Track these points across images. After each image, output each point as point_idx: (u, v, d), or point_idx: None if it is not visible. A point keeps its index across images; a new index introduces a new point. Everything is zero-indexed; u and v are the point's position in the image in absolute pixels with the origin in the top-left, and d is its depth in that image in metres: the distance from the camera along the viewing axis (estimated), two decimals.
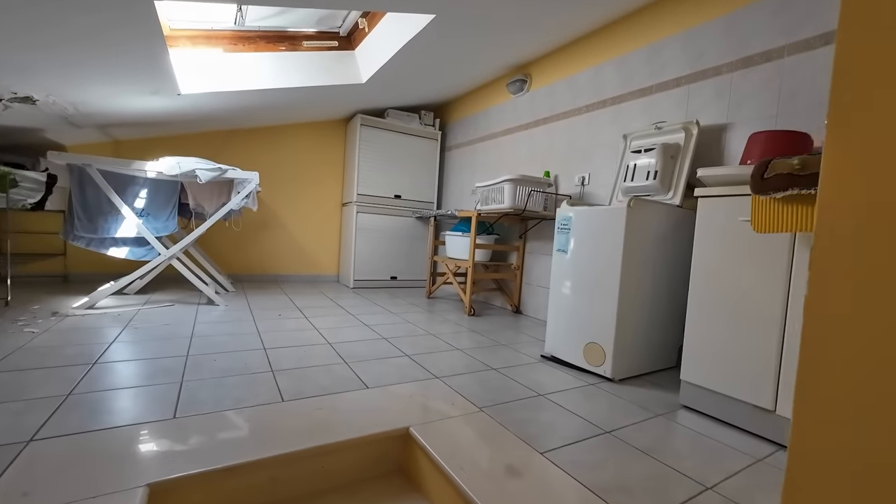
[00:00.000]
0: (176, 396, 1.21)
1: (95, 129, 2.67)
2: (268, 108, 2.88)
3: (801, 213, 1.02)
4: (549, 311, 1.87)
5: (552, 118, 2.73)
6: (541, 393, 1.44)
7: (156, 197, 2.46)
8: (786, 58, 1.61)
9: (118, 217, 2.33)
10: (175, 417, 1.09)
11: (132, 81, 1.96)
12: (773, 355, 1.18)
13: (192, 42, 2.15)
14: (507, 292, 3.04)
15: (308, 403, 1.22)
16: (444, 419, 1.18)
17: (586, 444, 1.11)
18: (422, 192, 3.87)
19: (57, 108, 2.11)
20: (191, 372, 1.41)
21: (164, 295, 2.72)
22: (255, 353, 1.66)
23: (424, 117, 3.83)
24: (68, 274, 2.99)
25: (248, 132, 3.47)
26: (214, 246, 3.41)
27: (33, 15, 1.30)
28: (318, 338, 1.95)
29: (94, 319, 2.02)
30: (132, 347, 1.64)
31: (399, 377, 1.49)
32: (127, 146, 3.09)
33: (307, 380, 1.40)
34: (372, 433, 1.08)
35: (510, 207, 2.41)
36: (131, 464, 0.87)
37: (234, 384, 1.33)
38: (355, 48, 2.65)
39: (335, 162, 3.91)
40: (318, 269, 3.91)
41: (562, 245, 1.83)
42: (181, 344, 1.72)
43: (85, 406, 1.12)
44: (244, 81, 2.36)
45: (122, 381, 1.30)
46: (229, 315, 2.30)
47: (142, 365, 1.46)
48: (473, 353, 1.87)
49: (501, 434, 1.13)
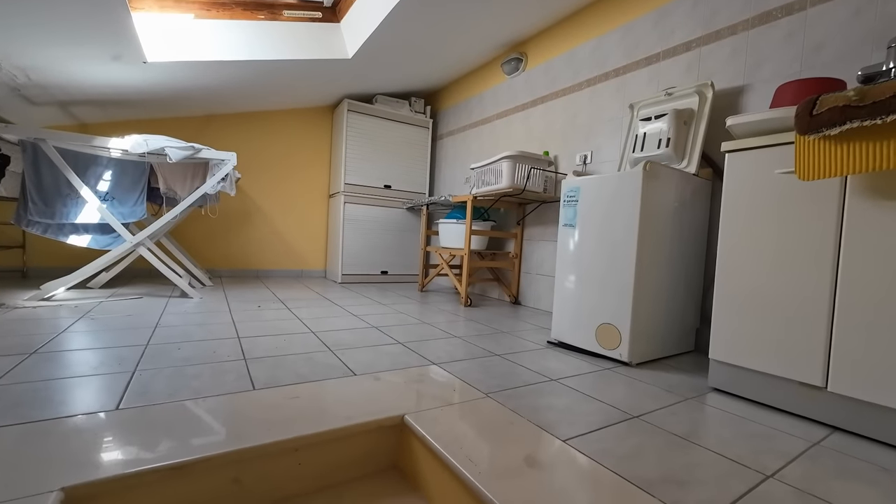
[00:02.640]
0: (124, 386, 1.01)
1: (56, 108, 2.45)
2: (246, 85, 2.68)
3: (863, 151, 0.87)
4: (556, 294, 1.71)
5: (550, 96, 2.58)
6: (553, 378, 1.27)
7: (122, 179, 2.24)
8: (808, 9, 1.48)
9: (78, 200, 2.11)
10: (117, 409, 0.89)
11: (89, 42, 1.75)
12: (823, 325, 1.02)
13: (160, 5, 1.96)
14: (505, 282, 2.87)
15: (283, 391, 1.03)
16: (446, 405, 1.00)
17: (615, 429, 0.93)
18: (413, 182, 3.70)
19: (4, 76, 1.89)
20: (147, 361, 1.21)
21: (134, 289, 2.50)
22: (227, 342, 1.46)
23: (415, 104, 3.67)
24: (27, 268, 2.74)
25: (228, 118, 3.27)
26: (190, 238, 3.19)
27: None
28: (301, 327, 1.75)
29: (47, 311, 1.80)
30: (84, 337, 1.43)
31: (391, 364, 1.31)
32: (94, 129, 2.86)
33: (284, 368, 1.21)
34: (359, 422, 0.90)
35: (509, 186, 2.25)
36: (45, 465, 0.67)
37: (198, 373, 1.13)
38: (340, 20, 2.48)
39: (322, 151, 3.72)
40: (304, 264, 3.70)
41: (569, 219, 1.67)
42: (142, 334, 1.51)
43: (10, 398, 0.91)
44: (219, 51, 2.16)
45: (61, 371, 1.09)
46: (203, 307, 2.09)
47: (91, 354, 1.25)
48: (473, 340, 1.69)
49: (514, 421, 0.95)
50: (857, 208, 0.97)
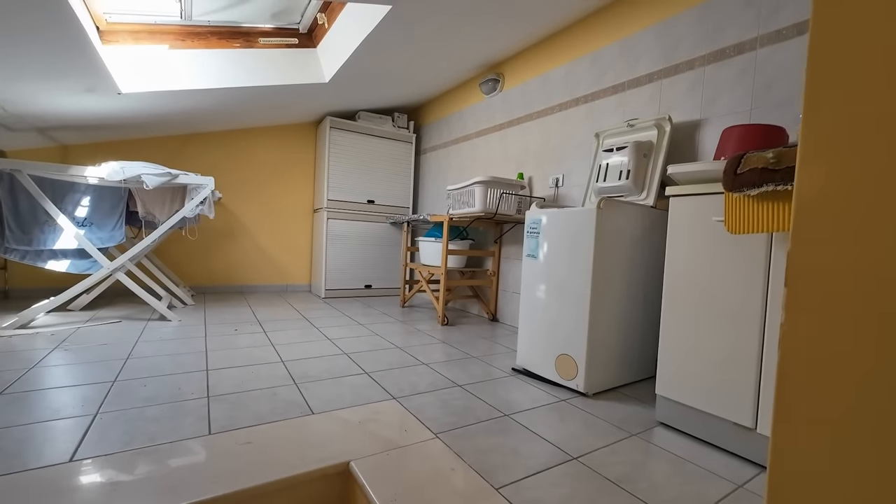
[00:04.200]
0: (83, 433, 1.05)
1: (35, 133, 2.47)
2: (225, 109, 2.72)
3: (778, 211, 0.92)
4: (521, 321, 1.76)
5: (525, 118, 2.63)
6: (506, 413, 1.32)
7: (100, 205, 2.27)
8: (758, 49, 1.53)
9: (56, 227, 2.14)
10: (71, 461, 0.93)
11: (61, 77, 1.78)
12: (752, 368, 1.07)
13: (134, 38, 1.99)
14: (484, 299, 2.92)
15: (237, 436, 1.07)
16: (392, 450, 1.04)
17: (550, 474, 0.98)
18: (396, 196, 3.73)
19: None
20: (111, 402, 1.25)
21: (114, 311, 2.53)
22: (195, 375, 1.50)
23: (398, 119, 3.70)
24: (8, 289, 2.76)
25: (209, 136, 3.30)
26: (173, 256, 3.22)
27: None
28: (273, 355, 1.79)
29: (23, 340, 1.83)
30: (54, 373, 1.46)
31: (352, 399, 1.35)
32: (76, 151, 2.89)
33: (244, 407, 1.25)
34: (305, 471, 0.94)
35: (481, 211, 2.29)
36: None
37: (158, 415, 1.17)
38: (317, 45, 2.52)
39: (305, 167, 3.75)
40: (289, 279, 3.74)
41: (532, 250, 1.72)
42: (112, 368, 1.54)
43: None
44: (195, 80, 2.20)
45: (23, 417, 1.13)
46: (179, 332, 2.12)
47: (57, 394, 1.28)
48: (440, 367, 1.74)
49: (456, 467, 0.99)
50: (781, 261, 1.01)
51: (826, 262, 0.28)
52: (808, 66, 0.29)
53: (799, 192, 0.29)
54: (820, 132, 0.28)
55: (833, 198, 0.27)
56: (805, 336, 0.30)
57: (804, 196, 0.29)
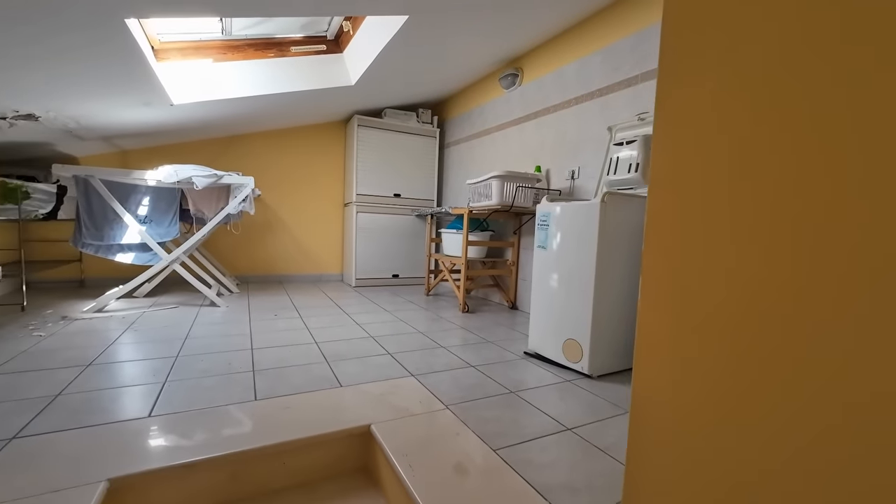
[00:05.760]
0: (156, 396, 1.28)
1: (101, 141, 2.80)
2: (262, 114, 2.95)
3: None
4: (532, 308, 1.87)
5: (543, 112, 2.69)
6: (513, 390, 1.45)
7: (157, 204, 2.57)
8: None
9: (122, 224, 2.45)
10: (150, 416, 1.15)
11: (122, 95, 2.05)
12: None
13: (182, 54, 2.22)
14: (504, 288, 3.03)
15: (277, 402, 1.27)
16: (407, 417, 1.21)
17: (544, 440, 1.11)
18: (421, 189, 3.89)
19: (59, 123, 2.23)
20: (176, 372, 1.48)
21: (172, 297, 2.84)
22: (242, 353, 1.73)
23: (422, 115, 3.84)
24: (84, 279, 3.16)
25: (248, 137, 3.57)
26: (220, 249, 3.53)
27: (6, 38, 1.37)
28: (307, 337, 2.00)
29: (101, 322, 2.14)
30: (128, 349, 1.73)
31: (375, 375, 1.52)
32: (133, 155, 3.23)
33: (283, 379, 1.45)
34: (333, 431, 1.12)
35: (498, 204, 2.40)
36: (97, 460, 0.93)
37: (213, 384, 1.39)
38: (343, 51, 2.68)
39: (335, 163, 3.97)
40: (322, 269, 4.00)
41: (542, 241, 1.82)
42: (174, 345, 1.80)
43: (70, 406, 1.19)
44: (235, 89, 2.42)
45: (109, 382, 1.38)
46: (227, 316, 2.38)
47: (132, 366, 1.54)
48: (457, 350, 1.89)
49: (460, 432, 1.14)
50: None
51: (667, 262, 0.39)
52: (655, 120, 0.40)
53: (649, 211, 0.40)
54: (660, 169, 0.39)
55: (668, 215, 0.38)
56: (652, 306, 0.42)
57: (651, 214, 0.40)
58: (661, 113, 0.40)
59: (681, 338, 0.40)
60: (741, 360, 0.36)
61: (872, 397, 0.28)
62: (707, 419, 0.39)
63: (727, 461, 0.38)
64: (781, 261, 0.33)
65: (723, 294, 0.37)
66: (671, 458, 0.42)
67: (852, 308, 0.30)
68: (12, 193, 2.24)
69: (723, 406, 0.38)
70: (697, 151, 0.37)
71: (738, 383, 0.37)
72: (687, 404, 0.41)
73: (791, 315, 0.33)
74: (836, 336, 0.31)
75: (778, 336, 0.34)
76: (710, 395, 0.39)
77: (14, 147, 2.51)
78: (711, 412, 0.39)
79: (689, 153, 0.38)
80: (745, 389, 0.36)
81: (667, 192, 0.38)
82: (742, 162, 0.35)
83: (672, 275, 0.40)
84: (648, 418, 0.44)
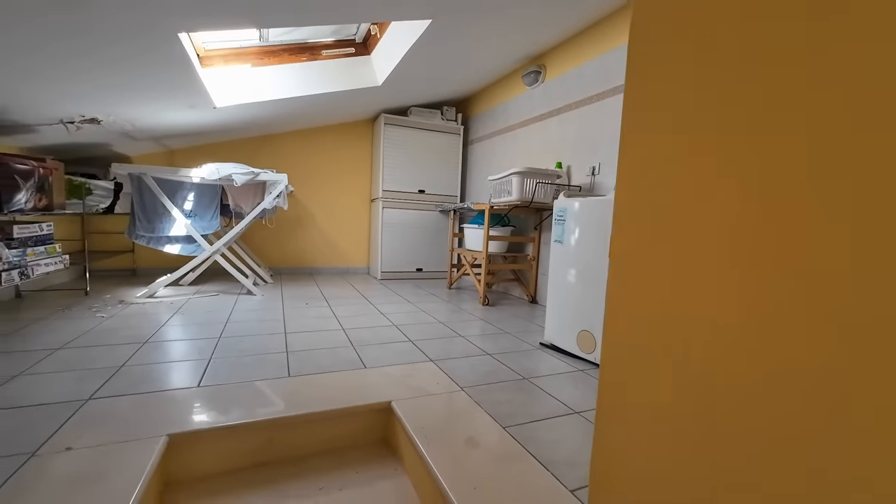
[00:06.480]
0: (203, 370, 1.44)
1: (152, 141, 3.05)
2: (295, 114, 3.12)
3: None
4: (548, 300, 1.93)
5: (565, 108, 2.72)
6: (526, 377, 1.52)
7: (201, 199, 2.78)
8: None
9: (170, 218, 2.67)
10: (199, 386, 1.31)
11: (171, 99, 2.24)
12: None
13: (224, 60, 2.40)
14: (525, 282, 3.09)
15: (308, 379, 1.40)
16: (425, 396, 1.31)
17: (552, 421, 1.18)
18: (445, 185, 3.98)
19: (118, 126, 2.46)
20: (219, 351, 1.65)
21: (213, 286, 3.07)
22: (276, 336, 1.88)
23: (447, 112, 3.92)
24: (136, 268, 3.45)
25: (282, 136, 3.76)
26: (256, 241, 3.76)
27: (71, 46, 1.55)
28: (335, 324, 2.14)
29: (152, 307, 2.36)
30: (177, 330, 1.92)
31: (396, 359, 1.63)
32: (179, 154, 3.48)
33: (313, 360, 1.58)
34: (358, 405, 1.23)
35: (518, 199, 2.46)
36: (159, 419, 1.08)
37: (251, 362, 1.54)
38: (371, 53, 2.80)
39: (363, 160, 4.12)
40: (350, 262, 4.17)
41: (558, 236, 1.87)
42: (216, 328, 1.98)
43: (132, 375, 1.37)
44: (271, 92, 2.59)
45: (163, 357, 1.55)
46: (263, 304, 2.56)
47: (182, 345, 1.72)
48: (475, 339, 1.97)
49: (473, 411, 1.23)
50: None
51: (626, 245, 0.46)
52: (623, 122, 0.47)
53: (616, 203, 0.47)
54: (624, 166, 0.46)
55: (630, 208, 0.45)
56: (617, 284, 0.48)
57: (618, 206, 0.47)
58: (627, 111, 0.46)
59: (637, 325, 0.47)
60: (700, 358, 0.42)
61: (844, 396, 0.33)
62: (670, 403, 0.45)
63: (689, 443, 0.43)
64: (738, 256, 0.38)
65: (686, 287, 0.43)
66: (637, 442, 0.48)
67: (826, 311, 0.33)
68: (77, 190, 2.49)
69: (683, 392, 0.44)
70: (659, 151, 0.44)
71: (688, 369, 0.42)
72: (649, 387, 0.47)
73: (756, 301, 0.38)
74: (809, 317, 0.34)
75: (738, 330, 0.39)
76: (670, 378, 0.45)
77: (78, 147, 2.78)
78: (671, 395, 0.45)
79: (653, 154, 0.44)
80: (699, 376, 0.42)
81: (629, 190, 0.45)
82: (699, 173, 0.41)
83: (636, 267, 0.46)
84: (615, 402, 0.50)
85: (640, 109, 0.46)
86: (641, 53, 0.46)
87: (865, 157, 0.29)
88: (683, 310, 0.42)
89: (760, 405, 0.36)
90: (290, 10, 1.66)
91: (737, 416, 0.38)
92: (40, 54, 1.55)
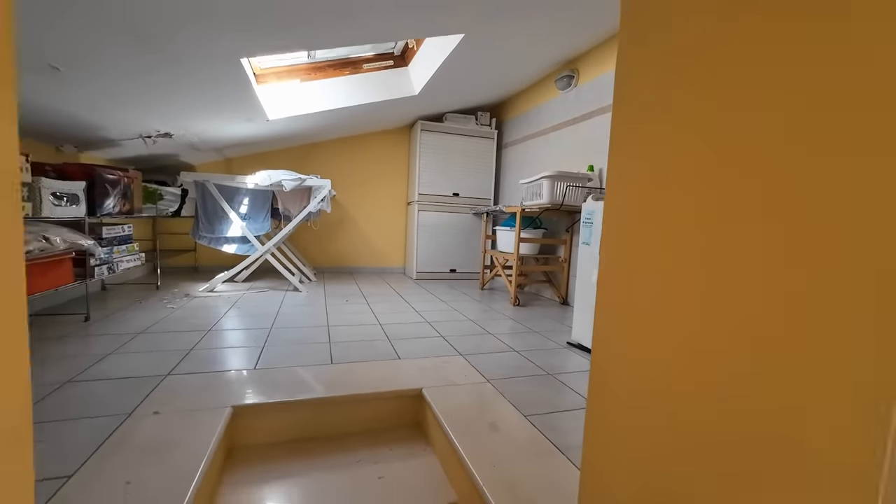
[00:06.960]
0: (258, 355, 1.63)
1: (213, 151, 3.38)
2: (339, 124, 3.34)
3: None
4: (576, 301, 1.98)
5: (597, 112, 2.74)
6: (550, 373, 1.59)
7: (254, 203, 3.05)
8: None
9: (228, 220, 2.95)
10: (255, 368, 1.49)
11: (231, 113, 2.50)
12: None
13: (277, 76, 2.64)
14: (556, 284, 3.12)
15: (348, 367, 1.55)
16: (453, 385, 1.42)
17: (571, 413, 1.25)
18: (479, 188, 4.08)
19: (186, 139, 2.77)
20: (271, 340, 1.84)
21: (263, 283, 3.34)
22: (320, 328, 2.06)
23: (481, 118, 4.02)
24: (198, 265, 3.81)
25: (326, 144, 4.02)
26: (301, 242, 4.03)
27: (156, 80, 1.81)
28: (373, 319, 2.30)
29: (212, 300, 2.63)
30: (234, 321, 2.15)
31: (428, 352, 1.75)
32: (236, 162, 3.82)
33: (353, 350, 1.74)
34: (392, 390, 1.36)
35: (548, 202, 2.51)
36: (224, 393, 1.26)
37: (299, 351, 1.71)
38: (408, 64, 2.96)
39: (400, 165, 4.30)
40: (387, 262, 4.36)
41: (586, 238, 1.92)
42: (268, 320, 2.19)
43: (200, 357, 1.58)
44: (318, 104, 2.81)
45: (225, 343, 1.76)
46: (308, 300, 2.78)
47: (239, 333, 1.93)
48: (503, 337, 2.06)
49: (497, 400, 1.32)
50: None
51: (615, 252, 0.54)
52: (611, 135, 0.55)
53: (605, 212, 0.55)
54: (613, 179, 0.54)
55: (616, 216, 0.53)
56: (607, 285, 0.55)
57: (607, 214, 0.54)
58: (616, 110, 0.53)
59: (633, 319, 0.54)
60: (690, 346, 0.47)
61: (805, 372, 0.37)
62: (652, 390, 0.51)
63: (680, 429, 0.48)
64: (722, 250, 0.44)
65: (678, 280, 0.49)
66: (627, 433, 0.53)
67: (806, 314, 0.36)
68: (151, 196, 2.82)
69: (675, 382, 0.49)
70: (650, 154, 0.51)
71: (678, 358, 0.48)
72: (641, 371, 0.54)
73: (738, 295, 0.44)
74: (790, 319, 0.35)
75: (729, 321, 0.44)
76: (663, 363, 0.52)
77: (151, 158, 3.13)
78: (653, 382, 0.51)
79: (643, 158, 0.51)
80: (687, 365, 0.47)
81: (619, 189, 0.52)
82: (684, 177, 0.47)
83: (625, 262, 0.53)
84: (606, 394, 0.57)
85: (629, 109, 0.52)
86: (629, 55, 0.53)
87: (849, 160, 0.34)
88: (662, 301, 0.48)
89: (750, 397, 0.38)
90: (336, 38, 1.83)
91: (720, 405, 0.41)
92: (133, 83, 1.83)
